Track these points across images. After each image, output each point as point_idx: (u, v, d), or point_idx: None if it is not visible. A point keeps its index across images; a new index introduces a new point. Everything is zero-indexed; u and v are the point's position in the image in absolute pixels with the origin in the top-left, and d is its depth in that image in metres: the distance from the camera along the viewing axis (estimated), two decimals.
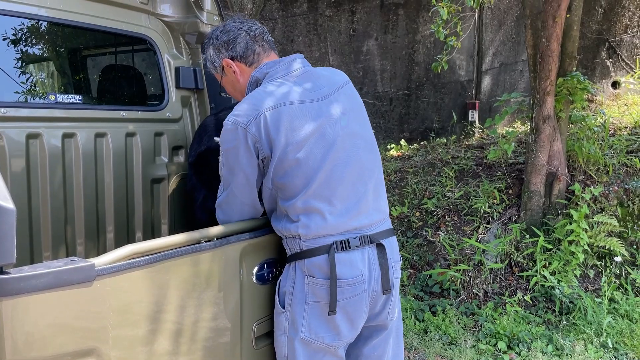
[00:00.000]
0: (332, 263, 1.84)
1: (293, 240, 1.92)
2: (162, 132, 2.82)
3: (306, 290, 1.88)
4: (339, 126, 1.92)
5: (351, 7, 6.90)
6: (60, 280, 1.35)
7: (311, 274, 1.87)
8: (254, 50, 2.05)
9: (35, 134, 2.32)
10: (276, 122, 1.83)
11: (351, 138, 1.95)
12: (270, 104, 1.85)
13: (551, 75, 4.34)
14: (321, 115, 1.90)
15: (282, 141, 1.83)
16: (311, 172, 1.86)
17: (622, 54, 7.19)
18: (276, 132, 1.83)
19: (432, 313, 4.12)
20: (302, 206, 1.86)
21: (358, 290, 1.88)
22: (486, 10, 7.09)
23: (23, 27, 2.42)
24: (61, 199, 2.43)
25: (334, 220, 1.87)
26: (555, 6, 4.19)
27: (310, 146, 1.86)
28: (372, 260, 1.93)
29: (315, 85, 1.96)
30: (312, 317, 1.89)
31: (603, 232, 4.30)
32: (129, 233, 2.74)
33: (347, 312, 1.89)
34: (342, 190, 1.89)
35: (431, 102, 7.33)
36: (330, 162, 1.88)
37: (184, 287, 1.71)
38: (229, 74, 2.10)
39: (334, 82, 2.01)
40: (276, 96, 1.88)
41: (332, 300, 1.84)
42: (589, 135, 4.97)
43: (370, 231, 1.93)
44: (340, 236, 1.87)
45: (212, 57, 2.12)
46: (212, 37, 2.11)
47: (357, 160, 1.94)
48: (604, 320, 3.77)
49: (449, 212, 4.93)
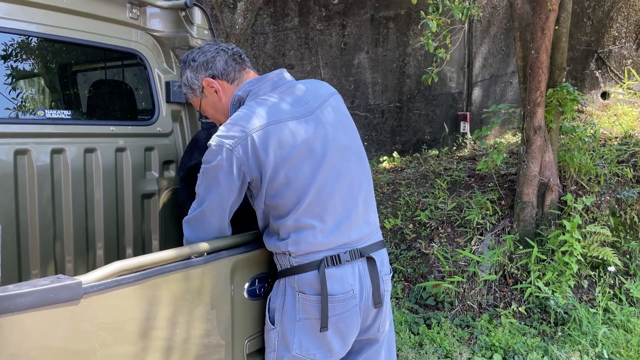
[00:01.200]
0: (323, 279, 1.81)
1: (283, 257, 1.89)
2: (152, 146, 2.80)
3: (297, 307, 1.86)
4: (327, 140, 1.89)
5: (342, 20, 6.94)
6: (47, 298, 1.32)
7: (301, 290, 1.85)
8: (234, 67, 2.02)
9: (24, 150, 2.30)
10: (264, 143, 1.78)
11: (340, 152, 1.92)
12: (258, 124, 1.79)
13: (541, 86, 4.37)
14: (309, 130, 1.87)
15: (272, 161, 1.79)
16: (302, 189, 1.82)
17: (611, 65, 7.27)
18: (265, 153, 1.78)
19: (427, 326, 4.09)
20: (293, 224, 1.83)
21: (349, 306, 1.86)
22: (476, 22, 7.16)
23: (12, 43, 2.41)
24: (50, 215, 2.41)
25: (324, 236, 1.84)
26: (544, 19, 4.23)
27: (299, 163, 1.82)
28: (363, 274, 1.90)
29: (300, 100, 1.92)
30: (303, 334, 1.86)
31: (596, 242, 4.31)
32: (119, 249, 2.71)
33: (338, 328, 1.86)
34: (332, 205, 1.86)
35: (423, 114, 7.35)
36: (321, 178, 1.85)
37: (174, 303, 1.69)
38: (209, 94, 2.04)
39: (319, 95, 1.97)
40: (263, 115, 1.82)
41: (323, 316, 1.81)
42: (580, 145, 5.00)
43: (360, 245, 1.91)
44: (330, 251, 1.85)
45: (190, 80, 2.05)
46: (188, 60, 2.05)
47: (347, 174, 1.91)
48: (599, 330, 3.75)
49: (442, 223, 4.92)
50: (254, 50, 6.74)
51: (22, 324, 1.31)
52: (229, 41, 5.05)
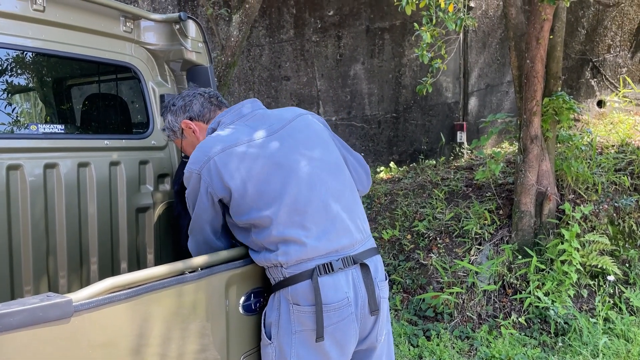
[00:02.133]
0: (316, 288, 1.80)
1: (275, 269, 1.88)
2: (147, 160, 2.78)
3: (292, 320, 1.84)
4: (294, 154, 1.94)
5: (337, 32, 6.96)
6: (36, 317, 1.29)
7: (296, 302, 1.84)
8: (209, 109, 2.18)
9: (16, 165, 2.28)
10: (226, 165, 1.88)
11: (311, 162, 1.95)
12: (218, 148, 1.90)
13: (537, 95, 4.37)
14: (272, 148, 1.94)
15: (237, 181, 1.87)
16: (274, 201, 1.86)
17: (606, 74, 7.29)
18: (228, 173, 1.87)
19: (426, 338, 4.06)
20: (277, 235, 1.85)
21: (345, 314, 1.85)
22: (471, 33, 7.19)
23: (6, 57, 2.39)
24: (43, 230, 2.38)
25: (312, 243, 1.85)
26: (538, 28, 4.24)
27: (267, 177, 1.88)
28: (357, 281, 1.89)
29: (264, 124, 2.01)
30: (300, 347, 1.84)
31: (595, 251, 4.29)
32: (114, 264, 2.67)
33: (335, 337, 1.85)
34: (312, 213, 1.88)
35: (419, 124, 7.36)
36: (293, 188, 1.88)
37: (168, 320, 1.66)
38: (188, 135, 2.20)
39: (283, 118, 2.05)
40: (225, 140, 1.94)
41: (318, 326, 1.80)
42: (577, 154, 5.00)
43: (352, 252, 1.91)
44: (322, 259, 1.85)
45: (171, 123, 2.22)
46: (169, 105, 2.23)
47: (321, 182, 1.93)
48: (599, 340, 3.72)
49: (440, 234, 4.90)
50: (250, 63, 6.75)
51: (11, 343, 1.28)
52: (224, 53, 5.05)
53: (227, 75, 5.08)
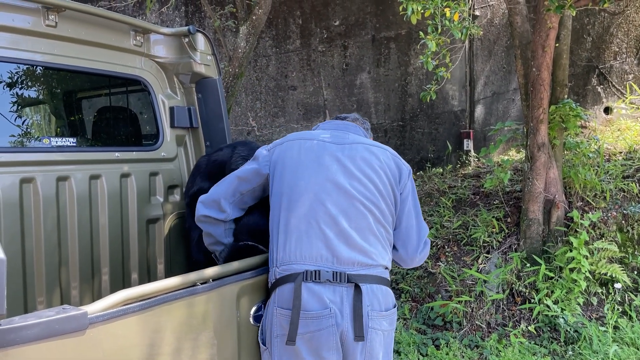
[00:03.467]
0: (297, 290, 1.81)
1: (271, 271, 1.95)
2: (157, 171, 2.81)
3: (274, 322, 1.88)
4: (342, 167, 2.02)
5: (343, 42, 7.00)
6: (52, 330, 1.32)
7: (280, 305, 1.87)
8: None
9: (29, 178, 2.31)
10: (286, 150, 2.09)
11: (350, 179, 1.99)
12: (292, 137, 2.15)
13: (543, 103, 4.37)
14: (330, 152, 2.05)
15: (284, 164, 2.05)
16: (297, 195, 1.94)
17: (613, 80, 7.28)
18: (283, 157, 2.07)
19: (435, 347, 4.04)
20: (283, 224, 1.93)
21: (324, 325, 1.83)
22: (476, 41, 7.21)
23: (18, 72, 2.43)
24: (55, 242, 2.41)
25: (309, 246, 1.87)
26: (544, 36, 4.25)
27: (303, 171, 1.99)
28: (345, 300, 1.86)
29: (340, 137, 2.14)
30: (282, 352, 1.86)
31: (604, 259, 4.27)
32: (125, 275, 2.70)
33: (312, 345, 1.83)
34: (323, 222, 1.90)
35: (426, 133, 7.37)
36: (317, 188, 1.95)
37: (180, 330, 1.68)
38: None
39: (358, 140, 2.15)
40: (299, 135, 2.16)
41: (291, 329, 1.80)
42: (584, 161, 4.98)
43: (350, 270, 1.88)
44: (312, 266, 1.85)
45: None
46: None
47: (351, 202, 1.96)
48: (610, 349, 3.70)
49: (448, 242, 4.89)
50: (257, 73, 6.79)
51: (28, 356, 1.31)
52: (231, 64, 5.09)
53: (234, 85, 5.12)
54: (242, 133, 6.70)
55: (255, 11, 5.06)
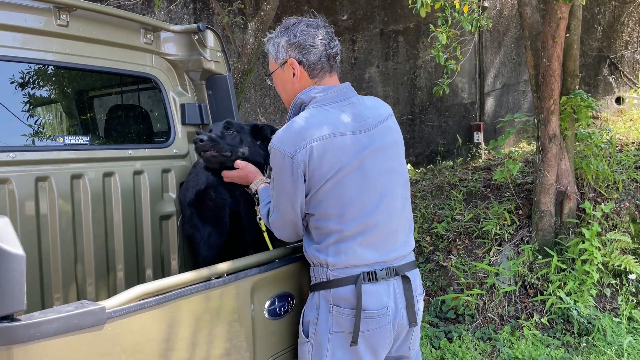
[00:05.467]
0: (359, 294, 1.83)
1: (320, 269, 1.91)
2: (169, 168, 2.84)
3: (330, 320, 1.88)
4: (378, 160, 1.92)
5: (352, 36, 6.99)
6: (71, 325, 1.34)
7: (336, 304, 1.87)
8: (322, 67, 1.99)
9: (44, 176, 2.34)
10: (322, 154, 1.82)
11: (388, 173, 1.95)
12: (318, 135, 1.83)
13: (554, 94, 4.35)
14: (364, 148, 1.90)
15: (324, 172, 1.83)
16: (346, 203, 1.86)
17: (624, 70, 7.21)
18: (319, 163, 1.82)
19: (448, 340, 4.05)
20: (333, 236, 1.87)
21: (383, 322, 1.87)
22: (485, 33, 7.16)
23: (30, 71, 2.46)
24: (71, 239, 2.44)
25: (362, 251, 1.87)
26: (554, 27, 4.22)
27: (349, 178, 1.86)
28: (398, 292, 1.92)
29: (360, 116, 1.94)
30: (336, 347, 1.88)
31: (617, 250, 4.25)
32: (139, 271, 2.73)
33: (370, 343, 1.88)
34: (373, 223, 1.89)
35: (435, 126, 7.35)
36: (366, 196, 1.88)
37: (195, 325, 1.70)
38: (287, 72, 2.00)
39: (379, 115, 2.00)
40: (323, 126, 1.85)
41: (355, 331, 1.84)
42: (596, 152, 4.95)
43: (396, 263, 1.93)
44: (367, 267, 1.87)
45: (279, 48, 2.00)
46: (291, 31, 1.98)
47: (392, 195, 1.94)
48: (624, 340, 3.68)
49: (459, 235, 4.89)
50: (265, 69, 6.80)
51: (48, 350, 1.33)
52: (240, 61, 5.11)
53: (243, 81, 5.14)
54: None
55: (263, 7, 5.06)
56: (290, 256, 2.12)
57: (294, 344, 2.07)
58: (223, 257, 2.27)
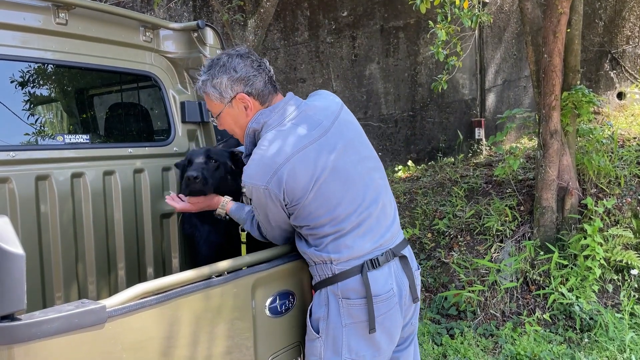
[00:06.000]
0: (366, 282, 1.88)
1: (324, 266, 1.93)
2: (169, 166, 2.83)
3: (341, 314, 1.91)
4: (348, 155, 1.95)
5: (352, 33, 6.97)
6: (72, 324, 1.34)
7: (345, 297, 1.90)
8: (269, 90, 2.01)
9: (45, 175, 2.34)
10: (293, 175, 1.84)
11: (362, 163, 1.99)
12: (282, 159, 1.84)
13: (555, 90, 4.33)
14: (330, 150, 1.91)
15: (302, 187, 1.86)
16: (333, 206, 1.89)
17: (626, 65, 7.19)
18: (295, 182, 1.85)
19: (450, 336, 4.05)
20: (331, 236, 1.90)
21: (392, 304, 1.93)
22: (486, 28, 7.14)
23: (29, 70, 2.46)
24: (72, 238, 2.44)
25: (362, 241, 1.91)
26: (555, 22, 4.21)
27: (328, 183, 1.88)
28: (398, 272, 1.98)
29: (314, 121, 1.95)
30: (350, 338, 1.91)
31: (619, 245, 4.24)
32: (140, 269, 2.73)
33: (384, 326, 1.93)
34: (364, 213, 1.93)
35: (436, 122, 7.33)
36: (352, 192, 1.92)
37: (196, 323, 1.69)
38: (237, 107, 2.00)
39: (331, 113, 2.01)
40: (284, 147, 1.86)
41: (370, 318, 1.88)
42: (598, 147, 4.94)
43: (391, 245, 1.99)
44: (369, 255, 1.92)
45: (223, 86, 1.98)
46: (229, 67, 1.98)
47: (372, 182, 1.99)
48: (626, 336, 3.68)
49: (461, 232, 4.88)
50: None
51: (49, 349, 1.33)
52: None
53: None
54: None
55: (263, 4, 5.05)
56: (291, 254, 2.11)
57: (296, 341, 2.07)
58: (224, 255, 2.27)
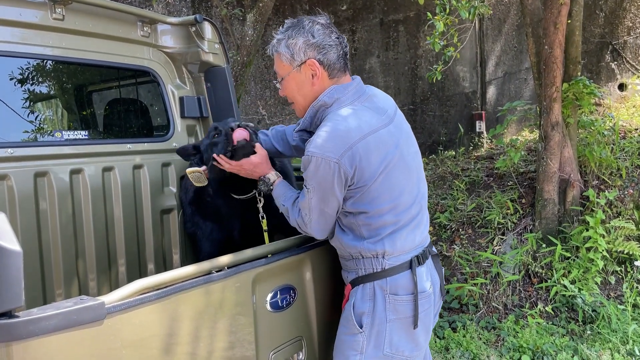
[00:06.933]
0: (415, 279, 1.91)
1: (374, 260, 1.92)
2: (169, 162, 2.82)
3: (387, 309, 1.92)
4: (410, 146, 1.99)
5: (351, 26, 6.94)
6: (70, 320, 1.33)
7: (394, 292, 1.92)
8: (340, 66, 1.95)
9: (43, 172, 2.33)
10: (366, 154, 1.80)
11: (415, 157, 2.03)
12: (358, 135, 1.80)
13: (556, 81, 4.31)
14: (398, 138, 1.93)
15: (373, 169, 1.82)
16: (397, 194, 1.89)
17: (627, 56, 7.15)
18: (367, 162, 1.81)
19: (452, 329, 4.04)
20: (390, 227, 1.89)
21: (431, 301, 1.98)
22: (486, 20, 7.11)
23: (27, 66, 2.44)
24: (71, 235, 2.43)
25: (413, 235, 1.95)
26: (556, 13, 4.18)
27: (395, 170, 1.88)
28: (432, 270, 2.03)
29: (380, 109, 1.95)
30: (393, 333, 1.93)
31: (621, 237, 4.22)
32: (141, 265, 2.72)
33: (424, 323, 1.97)
34: (418, 206, 1.98)
35: (437, 116, 7.31)
36: (410, 183, 1.94)
37: (196, 318, 1.69)
38: (305, 74, 1.93)
39: (391, 104, 2.05)
40: (360, 126, 1.82)
41: (415, 315, 1.91)
42: (599, 139, 4.92)
43: (426, 242, 2.04)
44: (415, 251, 1.95)
45: (297, 48, 1.90)
46: (308, 31, 1.90)
47: (421, 179, 2.04)
48: (629, 327, 3.67)
49: (462, 225, 4.87)
50: (265, 61, 6.77)
51: (48, 346, 1.32)
52: (240, 53, 5.08)
53: (243, 74, 5.11)
54: (253, 122, 6.69)
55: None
56: (291, 248, 2.10)
57: (297, 336, 2.07)
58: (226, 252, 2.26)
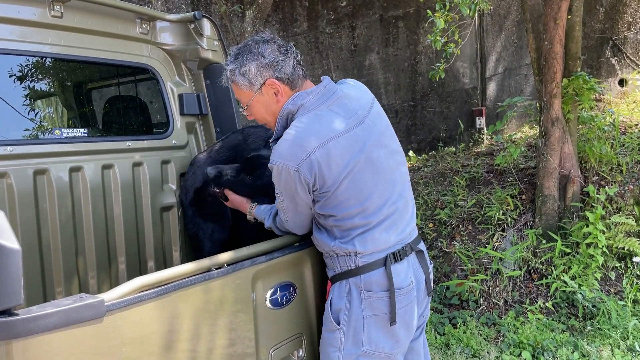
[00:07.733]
0: (390, 275, 1.90)
1: (348, 258, 1.94)
2: (168, 159, 2.82)
3: (363, 306, 1.92)
4: (381, 148, 1.96)
5: (351, 23, 6.93)
6: (70, 318, 1.33)
7: (368, 289, 1.92)
8: (298, 74, 1.96)
9: (42, 169, 2.33)
10: (326, 160, 1.81)
11: (392, 156, 2.00)
12: (316, 143, 1.81)
13: (556, 77, 4.30)
14: (364, 141, 1.90)
15: (334, 176, 1.83)
16: (364, 197, 1.89)
17: (627, 51, 7.14)
18: (328, 169, 1.82)
19: (452, 326, 4.05)
20: (360, 229, 1.90)
21: (411, 298, 1.96)
22: (486, 16, 7.09)
23: (26, 64, 2.44)
24: (71, 233, 2.43)
25: (387, 235, 1.93)
26: (556, 8, 4.17)
27: (361, 174, 1.88)
28: (415, 266, 2.02)
29: (349, 110, 1.93)
30: (371, 330, 1.93)
31: (621, 233, 4.22)
32: (141, 262, 2.72)
33: (404, 319, 1.96)
34: (392, 206, 1.95)
35: (437, 112, 7.30)
36: (382, 184, 1.92)
37: (196, 316, 1.69)
38: (267, 94, 1.95)
39: (365, 104, 2.00)
40: (319, 132, 1.83)
41: (392, 311, 1.90)
42: (600, 135, 4.91)
43: (410, 239, 2.02)
44: (392, 248, 1.94)
45: (252, 73, 1.93)
46: (257, 54, 1.92)
47: (400, 176, 2.01)
48: (629, 323, 3.67)
49: (462, 221, 4.87)
50: None
51: (47, 344, 1.32)
52: None
53: None
54: None
55: None
56: (290, 245, 2.10)
57: (297, 332, 2.07)
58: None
